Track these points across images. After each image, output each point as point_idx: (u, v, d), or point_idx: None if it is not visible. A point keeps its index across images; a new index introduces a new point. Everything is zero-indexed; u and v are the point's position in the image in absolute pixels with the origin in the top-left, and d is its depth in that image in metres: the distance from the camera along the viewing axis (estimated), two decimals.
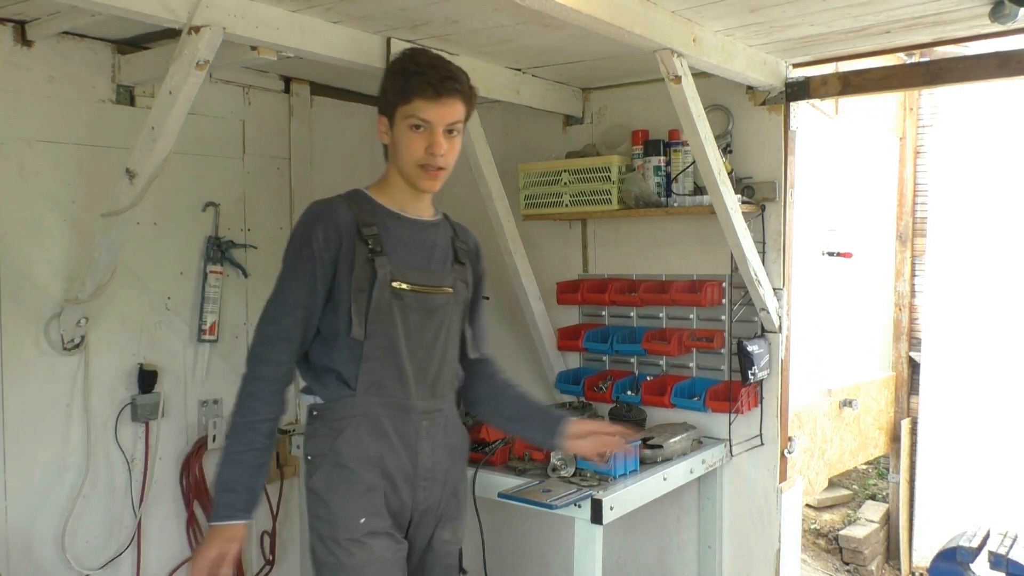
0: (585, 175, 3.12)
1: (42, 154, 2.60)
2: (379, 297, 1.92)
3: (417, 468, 2.01)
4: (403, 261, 1.97)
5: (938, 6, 2.29)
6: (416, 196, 2.02)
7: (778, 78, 2.94)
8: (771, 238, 3.03)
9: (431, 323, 2.01)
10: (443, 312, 2.04)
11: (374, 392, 1.95)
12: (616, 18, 2.12)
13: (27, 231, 2.58)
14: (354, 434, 1.95)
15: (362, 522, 1.94)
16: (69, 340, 2.66)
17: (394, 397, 1.97)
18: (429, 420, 2.03)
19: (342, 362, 1.94)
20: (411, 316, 1.97)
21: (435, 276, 2.03)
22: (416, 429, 2.00)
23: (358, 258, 1.91)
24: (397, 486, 1.99)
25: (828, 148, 4.52)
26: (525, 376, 3.67)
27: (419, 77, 1.89)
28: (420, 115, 1.89)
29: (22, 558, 2.61)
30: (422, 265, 2.01)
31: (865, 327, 5.34)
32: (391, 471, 1.97)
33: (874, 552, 5.69)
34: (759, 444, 3.11)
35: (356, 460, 1.95)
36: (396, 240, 1.97)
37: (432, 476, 2.04)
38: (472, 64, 2.88)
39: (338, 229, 1.90)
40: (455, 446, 2.12)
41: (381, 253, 1.93)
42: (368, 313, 1.91)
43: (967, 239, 5.33)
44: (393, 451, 1.97)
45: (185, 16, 2.06)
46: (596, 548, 2.46)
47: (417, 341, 1.99)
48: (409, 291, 1.96)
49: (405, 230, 2.00)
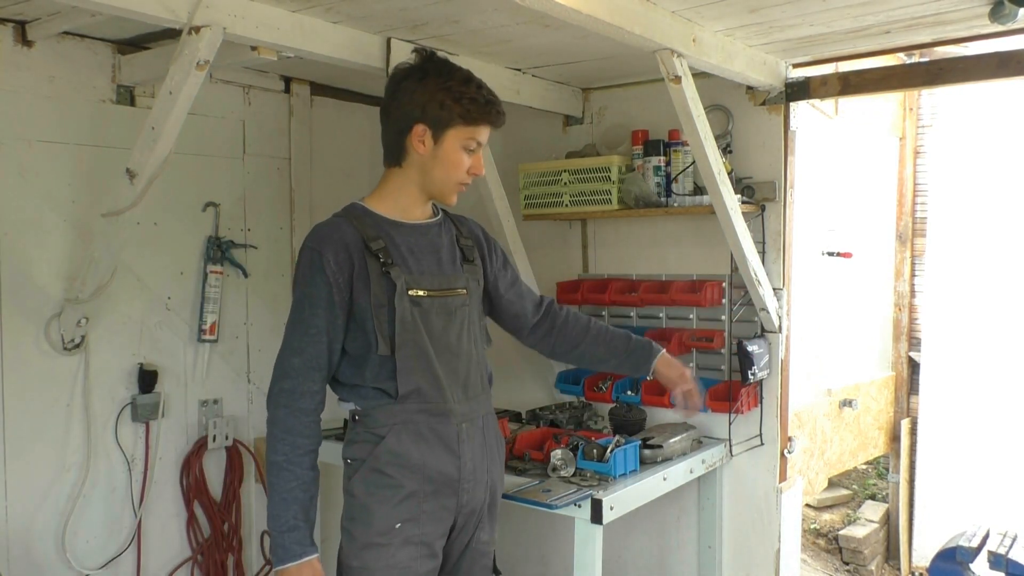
0: (585, 175, 3.12)
1: (42, 154, 2.60)
2: (401, 308, 1.92)
3: (461, 472, 2.01)
4: (415, 268, 1.96)
5: (938, 6, 2.29)
6: (422, 204, 2.04)
7: (778, 78, 2.94)
8: (771, 238, 3.03)
9: (453, 325, 2.01)
10: (462, 313, 2.04)
11: (414, 400, 1.96)
12: (616, 18, 2.12)
13: (27, 231, 2.58)
14: (396, 440, 1.95)
15: (397, 527, 1.94)
16: (69, 340, 2.66)
17: (433, 403, 1.98)
18: (468, 423, 2.04)
19: (376, 378, 1.95)
20: (433, 321, 1.98)
21: (448, 279, 2.03)
22: (456, 433, 2.01)
23: (372, 274, 1.90)
24: (441, 492, 1.99)
25: (828, 148, 4.51)
26: (525, 376, 3.67)
27: (489, 107, 1.97)
28: (480, 139, 1.97)
29: (22, 558, 2.61)
30: (434, 269, 2.01)
31: (865, 327, 5.34)
32: (434, 477, 1.97)
33: (874, 552, 5.69)
34: (759, 444, 3.11)
35: (396, 466, 1.95)
36: (404, 249, 1.97)
37: (474, 478, 2.04)
38: (472, 64, 2.87)
39: (347, 249, 1.90)
40: (492, 446, 2.13)
41: (393, 264, 1.92)
42: (394, 326, 1.91)
43: (967, 239, 5.33)
44: (436, 457, 1.98)
45: (185, 16, 2.06)
46: (596, 548, 2.46)
47: (443, 345, 1.99)
48: (427, 297, 1.96)
49: (411, 237, 2.00)
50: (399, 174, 2.00)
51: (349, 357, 1.97)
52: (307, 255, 1.91)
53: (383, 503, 1.95)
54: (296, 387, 1.90)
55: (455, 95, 1.93)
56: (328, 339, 1.91)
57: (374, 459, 1.95)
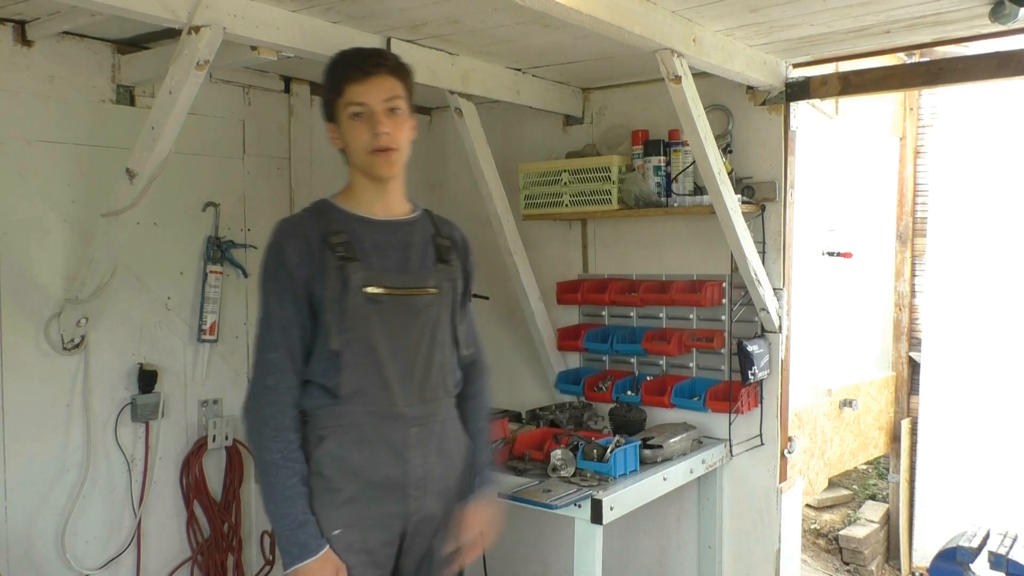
0: (585, 175, 3.12)
1: (42, 154, 2.60)
2: (353, 304, 1.86)
3: (408, 477, 1.92)
4: (377, 265, 1.91)
5: (938, 6, 2.29)
6: (383, 193, 1.98)
7: (778, 78, 2.94)
8: (771, 238, 3.03)
9: (414, 326, 1.94)
10: (428, 314, 1.96)
11: (357, 401, 1.89)
12: (616, 18, 2.12)
13: (27, 231, 2.58)
14: (335, 443, 1.89)
15: (336, 534, 1.86)
16: (69, 340, 2.66)
17: (379, 405, 1.90)
18: (420, 427, 1.95)
19: (322, 374, 1.89)
20: (391, 321, 1.91)
21: (415, 277, 1.96)
22: (405, 437, 1.92)
23: (329, 268, 1.86)
24: (386, 498, 1.91)
25: (828, 148, 4.51)
26: (525, 376, 3.67)
27: (343, 64, 1.92)
28: (355, 99, 1.88)
29: (22, 558, 2.61)
30: (398, 267, 1.95)
31: (865, 327, 5.34)
32: (376, 482, 1.90)
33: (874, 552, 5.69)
34: (759, 444, 3.11)
35: (335, 470, 1.89)
36: (368, 245, 1.92)
37: (424, 485, 1.95)
38: (472, 64, 2.88)
39: (308, 243, 1.87)
40: (452, 452, 2.02)
41: (352, 259, 1.87)
42: (344, 322, 1.86)
43: (967, 239, 5.33)
44: (379, 461, 1.90)
45: (185, 16, 2.06)
46: (596, 548, 2.47)
47: (400, 346, 1.92)
48: (386, 295, 1.90)
49: (377, 233, 1.95)
50: (350, 171, 1.99)
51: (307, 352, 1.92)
52: (270, 250, 1.89)
53: (322, 507, 1.87)
54: (279, 383, 1.86)
55: (325, 79, 1.94)
56: (300, 332, 1.88)
57: (314, 461, 1.88)
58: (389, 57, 1.96)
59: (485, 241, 3.56)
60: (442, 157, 3.83)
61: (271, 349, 1.87)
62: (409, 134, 1.97)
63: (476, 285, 2.16)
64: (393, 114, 1.91)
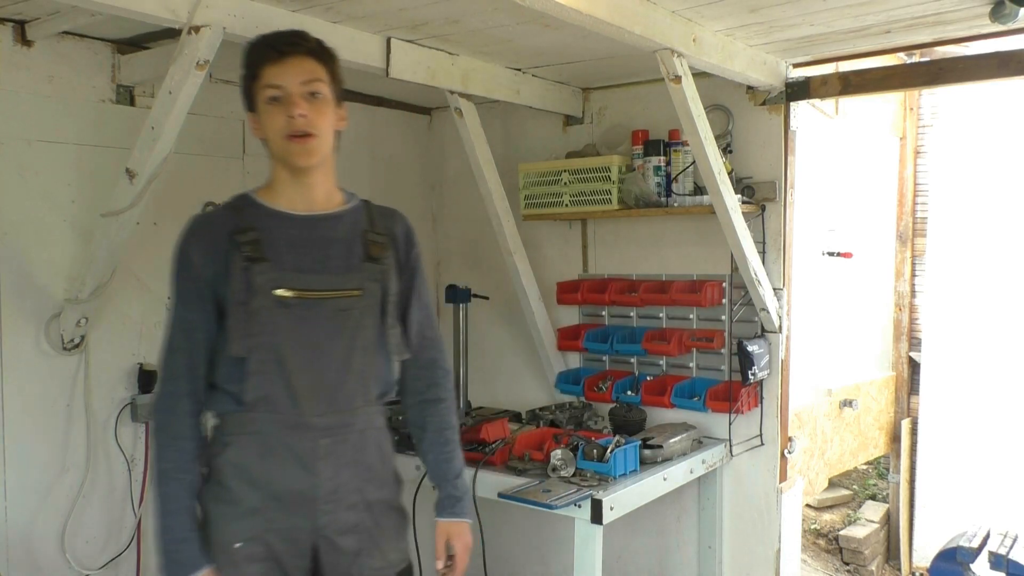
0: (585, 175, 3.12)
1: (42, 154, 2.60)
2: (259, 308, 1.74)
3: (317, 491, 1.79)
4: (290, 266, 1.77)
5: (938, 6, 2.29)
6: (305, 186, 1.83)
7: (778, 78, 2.94)
8: (771, 238, 3.03)
9: (330, 331, 1.80)
10: (347, 317, 1.81)
11: (263, 409, 1.77)
12: (616, 18, 2.12)
13: (27, 231, 2.58)
14: (237, 452, 1.79)
15: (237, 547, 1.76)
16: (69, 340, 2.66)
17: (285, 414, 1.78)
18: (331, 438, 1.81)
19: (227, 380, 1.78)
20: (303, 325, 1.77)
21: (333, 279, 1.81)
22: (313, 448, 1.79)
23: (234, 268, 1.74)
24: (289, 510, 1.78)
25: (828, 148, 4.51)
26: (525, 376, 3.67)
27: (260, 46, 1.78)
28: (271, 82, 1.74)
29: (22, 558, 2.61)
30: (314, 268, 1.80)
31: (865, 327, 5.34)
32: (280, 494, 1.78)
33: (874, 552, 5.69)
34: (759, 444, 3.11)
35: (236, 480, 1.78)
36: (282, 244, 1.78)
37: (336, 499, 1.81)
38: (472, 64, 2.88)
39: (213, 243, 1.76)
40: (371, 464, 1.88)
41: (260, 260, 1.75)
42: (249, 326, 1.74)
43: (967, 239, 5.33)
44: (284, 472, 1.78)
45: (185, 16, 2.06)
46: (596, 548, 2.47)
47: (311, 353, 1.78)
48: (296, 298, 1.76)
49: (294, 230, 1.81)
50: (272, 164, 1.86)
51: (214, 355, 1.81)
52: (176, 250, 1.81)
53: (223, 518, 1.78)
54: (178, 389, 1.77)
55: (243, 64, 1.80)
56: (202, 334, 1.78)
57: (215, 470, 1.80)
58: (309, 38, 1.80)
59: (485, 241, 3.58)
60: (442, 157, 3.84)
61: (172, 353, 1.79)
62: (333, 122, 1.82)
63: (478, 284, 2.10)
64: (313, 98, 1.76)
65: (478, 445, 2.79)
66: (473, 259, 3.80)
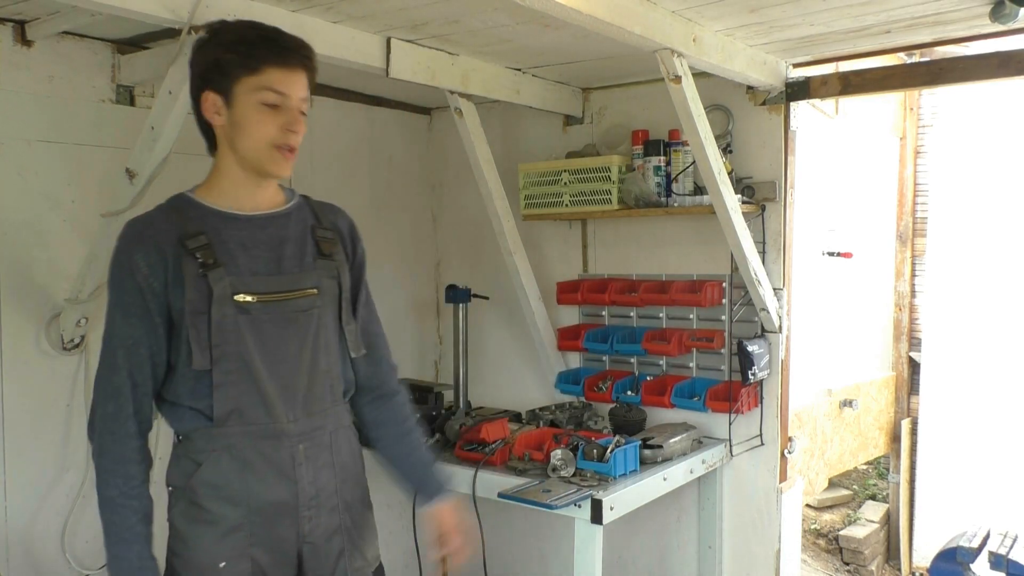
0: (585, 175, 3.12)
1: (42, 154, 2.60)
2: (220, 316, 1.65)
3: (299, 499, 1.74)
4: (245, 269, 1.68)
5: (938, 6, 2.29)
6: (256, 187, 1.74)
7: (778, 78, 2.94)
8: (771, 238, 3.03)
9: (293, 333, 1.73)
10: (307, 318, 1.75)
11: (235, 422, 1.69)
12: (616, 18, 2.12)
13: (27, 231, 2.58)
14: (213, 470, 1.69)
15: (221, 566, 1.69)
16: (69, 340, 2.66)
17: (259, 424, 1.70)
18: (307, 442, 1.76)
19: (191, 395, 1.68)
20: (266, 330, 1.70)
21: (291, 279, 1.73)
22: (292, 455, 1.74)
23: (188, 276, 1.63)
24: (272, 522, 1.73)
25: (828, 148, 4.51)
26: (525, 376, 3.67)
27: (270, 43, 1.65)
28: (277, 87, 1.63)
29: (22, 558, 2.61)
30: (270, 269, 1.72)
31: (865, 327, 5.34)
32: (262, 507, 1.71)
33: (874, 552, 5.69)
34: (759, 444, 3.11)
35: (215, 499, 1.70)
36: (233, 246, 1.69)
37: (317, 504, 1.77)
38: (472, 64, 2.88)
39: (160, 250, 1.64)
40: (346, 463, 1.84)
41: (215, 265, 1.65)
42: (210, 337, 1.65)
43: (967, 239, 5.33)
44: (264, 484, 1.71)
45: (185, 16, 2.06)
46: (596, 548, 2.47)
47: (278, 357, 1.71)
48: (257, 303, 1.68)
49: (244, 231, 1.71)
50: (218, 157, 1.74)
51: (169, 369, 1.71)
52: (116, 257, 1.66)
53: (203, 539, 1.69)
54: (119, 410, 1.65)
55: (226, 45, 1.65)
56: (148, 352, 1.66)
57: (190, 490, 1.70)
58: (313, 52, 1.72)
59: (485, 241, 3.58)
60: (442, 157, 3.84)
61: (114, 372, 1.65)
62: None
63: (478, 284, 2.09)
64: (302, 116, 1.70)
65: (478, 445, 2.79)
66: (473, 259, 3.80)
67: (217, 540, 1.70)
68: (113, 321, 1.67)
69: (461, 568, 1.98)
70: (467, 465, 2.72)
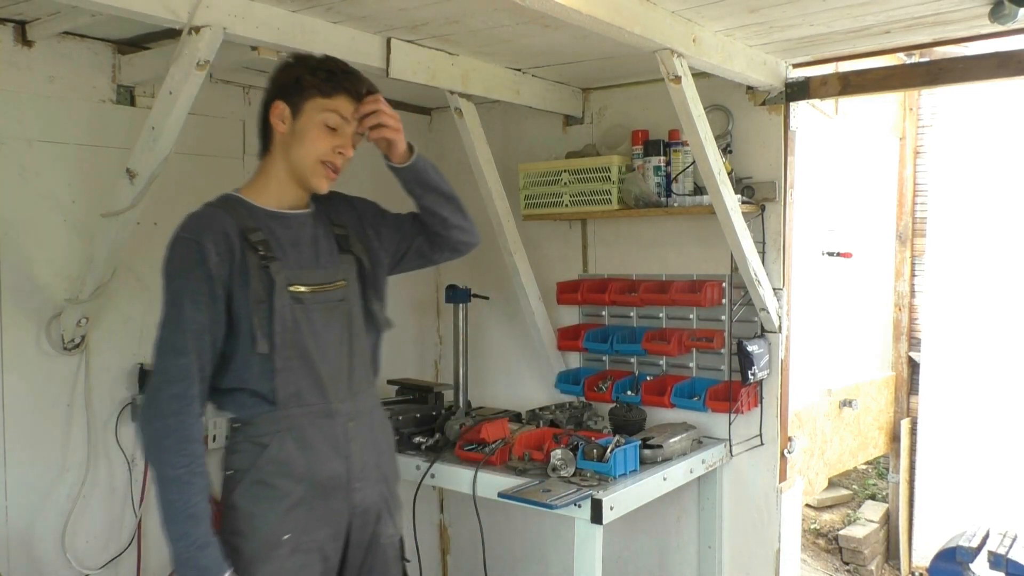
0: (585, 175, 3.12)
1: (42, 154, 2.60)
2: (280, 305, 1.83)
3: (350, 473, 1.94)
4: (295, 263, 1.89)
5: (938, 6, 2.29)
6: (295, 192, 1.95)
7: (778, 78, 2.94)
8: (771, 238, 3.03)
9: (334, 320, 1.95)
10: (343, 307, 1.97)
11: (295, 404, 1.87)
12: (616, 18, 2.12)
13: (27, 231, 2.58)
14: (279, 449, 1.86)
15: (286, 539, 1.85)
16: (69, 340, 2.66)
17: (316, 405, 1.89)
18: (355, 420, 1.96)
19: (253, 379, 1.84)
20: (315, 318, 1.90)
21: (327, 272, 1.95)
22: (344, 433, 1.94)
23: (251, 268, 1.81)
24: (330, 495, 1.91)
25: (828, 148, 4.51)
26: (525, 376, 3.67)
27: (348, 77, 1.91)
28: (342, 112, 1.88)
29: (22, 558, 2.61)
30: (312, 263, 1.94)
31: (865, 327, 5.34)
32: (322, 482, 1.90)
33: (874, 552, 5.69)
34: (759, 444, 3.11)
35: (281, 476, 1.86)
36: (286, 242, 1.89)
37: (365, 476, 1.97)
38: (472, 64, 2.88)
39: (228, 240, 1.80)
40: (380, 439, 2.07)
41: (274, 259, 1.84)
42: (272, 325, 1.81)
43: (967, 239, 5.33)
44: (323, 460, 1.90)
45: (185, 16, 2.06)
46: (596, 548, 2.47)
47: (325, 343, 1.92)
48: (308, 293, 1.89)
49: (290, 230, 1.92)
50: (269, 161, 1.94)
51: (224, 359, 1.85)
52: (184, 245, 1.79)
53: (269, 514, 1.85)
54: (186, 391, 1.76)
55: (311, 69, 1.90)
56: (211, 338, 1.80)
57: (257, 470, 1.85)
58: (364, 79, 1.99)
59: (485, 241, 3.57)
60: (442, 157, 3.83)
61: (180, 354, 1.76)
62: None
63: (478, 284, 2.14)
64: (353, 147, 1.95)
65: (478, 445, 2.79)
66: (473, 259, 3.77)
67: (282, 515, 1.85)
68: (181, 306, 1.77)
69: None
70: (467, 465, 2.73)
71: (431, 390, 3.23)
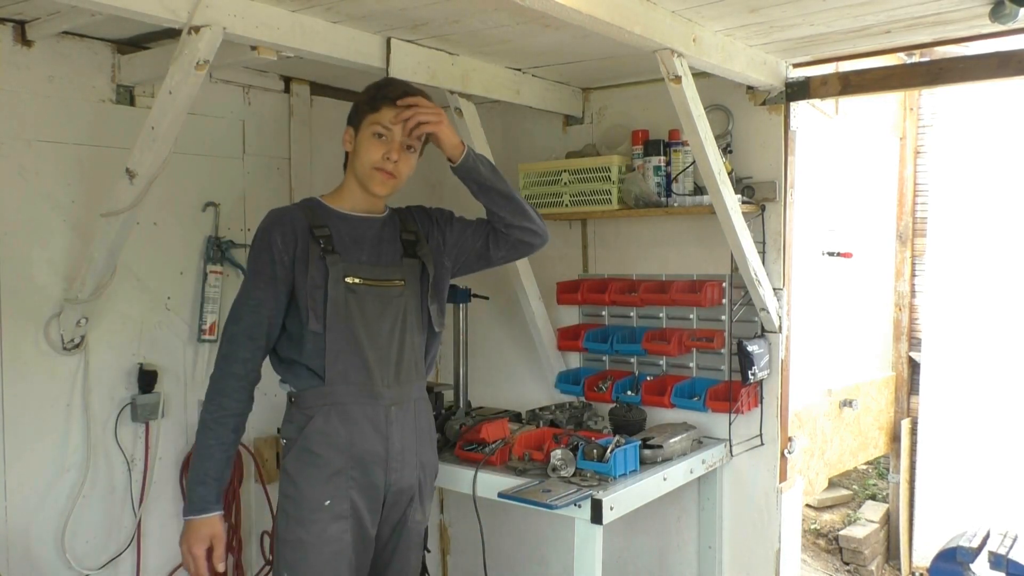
0: (585, 175, 3.12)
1: (42, 154, 2.60)
2: (334, 292, 2.09)
3: (389, 451, 2.15)
4: (354, 257, 2.14)
5: (938, 6, 2.29)
6: (368, 201, 2.22)
7: (778, 78, 2.94)
8: (771, 238, 3.03)
9: (387, 313, 2.17)
10: (398, 303, 2.20)
11: (341, 381, 2.11)
12: (616, 18, 2.12)
13: (27, 231, 2.58)
14: (323, 421, 2.10)
15: (327, 504, 2.08)
16: (69, 340, 2.66)
17: (361, 385, 2.13)
18: (397, 406, 2.18)
19: (308, 356, 2.10)
20: (367, 308, 2.14)
21: (385, 270, 2.19)
22: (385, 414, 2.16)
23: (312, 257, 2.09)
24: (368, 469, 2.13)
25: (828, 148, 4.51)
26: (525, 376, 3.67)
27: (390, 89, 2.16)
28: (384, 122, 2.11)
29: (22, 558, 2.61)
30: (372, 260, 2.18)
31: (865, 327, 5.34)
32: (361, 455, 2.12)
33: (874, 552, 5.69)
34: (759, 444, 3.10)
35: (324, 445, 2.10)
36: (347, 239, 2.15)
37: (403, 458, 2.18)
38: (472, 64, 2.88)
39: (294, 232, 2.10)
40: (423, 428, 2.27)
41: (333, 251, 2.11)
42: (326, 308, 2.08)
43: (967, 239, 5.34)
44: (363, 436, 2.12)
45: (185, 16, 2.06)
46: (596, 548, 2.46)
47: (375, 331, 2.14)
48: (362, 285, 2.13)
49: (356, 229, 2.18)
50: (346, 175, 2.24)
51: (287, 334, 2.14)
52: (258, 235, 2.12)
53: (313, 480, 2.09)
54: (231, 352, 2.08)
55: (365, 92, 2.20)
56: (268, 312, 2.09)
57: (304, 438, 2.11)
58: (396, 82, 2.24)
59: None
60: (442, 157, 3.82)
61: (233, 322, 2.11)
62: (411, 170, 2.21)
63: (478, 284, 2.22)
64: (407, 151, 2.17)
65: (478, 445, 2.79)
66: None
67: (324, 481, 2.09)
68: (246, 282, 2.13)
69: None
70: (467, 465, 2.72)
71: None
